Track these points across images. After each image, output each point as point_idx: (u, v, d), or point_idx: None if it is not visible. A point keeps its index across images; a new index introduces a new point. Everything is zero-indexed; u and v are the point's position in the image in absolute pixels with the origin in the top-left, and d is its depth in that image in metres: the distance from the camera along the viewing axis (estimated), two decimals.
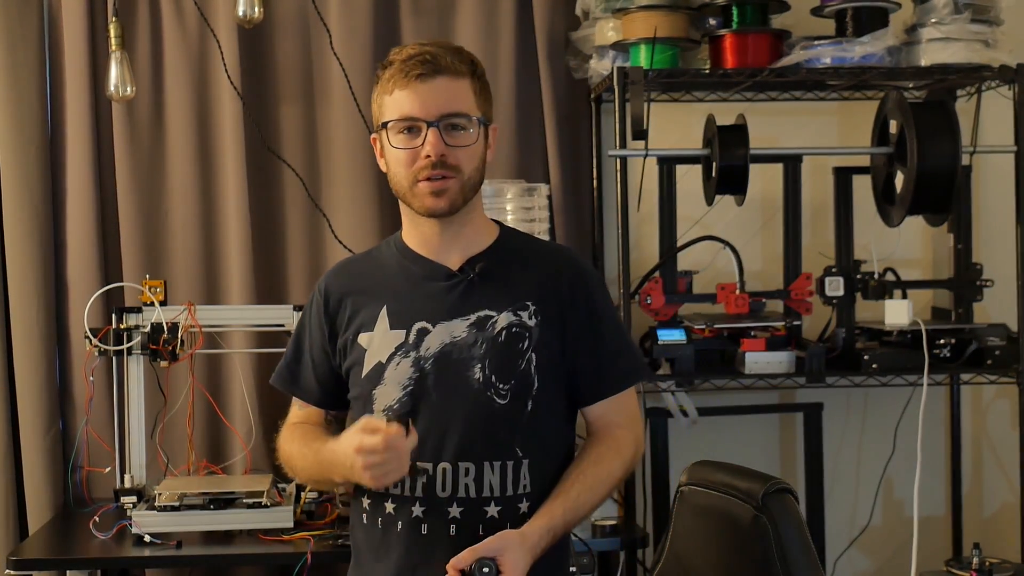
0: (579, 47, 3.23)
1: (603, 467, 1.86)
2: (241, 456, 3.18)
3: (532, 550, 1.78)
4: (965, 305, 3.14)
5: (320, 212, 3.26)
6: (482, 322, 1.88)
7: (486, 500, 1.86)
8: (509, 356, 1.87)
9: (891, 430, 3.32)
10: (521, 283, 1.91)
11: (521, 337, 1.87)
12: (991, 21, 2.99)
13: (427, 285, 1.95)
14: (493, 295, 1.90)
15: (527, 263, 1.95)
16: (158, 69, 3.28)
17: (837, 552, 3.39)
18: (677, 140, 3.30)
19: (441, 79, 1.85)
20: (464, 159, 1.88)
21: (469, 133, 1.88)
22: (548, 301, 1.89)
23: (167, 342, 2.91)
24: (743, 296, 2.99)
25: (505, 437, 1.87)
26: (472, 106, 1.88)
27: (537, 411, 1.88)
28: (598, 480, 1.85)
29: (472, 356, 1.87)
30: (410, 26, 3.32)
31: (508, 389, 1.86)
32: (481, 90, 1.91)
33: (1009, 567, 2.97)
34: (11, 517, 3.20)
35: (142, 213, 3.27)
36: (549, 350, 1.88)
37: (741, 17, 3.00)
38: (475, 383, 1.87)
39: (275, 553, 2.71)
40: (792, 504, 1.94)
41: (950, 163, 2.88)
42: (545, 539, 1.80)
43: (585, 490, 1.83)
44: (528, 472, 1.86)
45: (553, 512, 1.81)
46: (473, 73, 1.89)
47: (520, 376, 1.87)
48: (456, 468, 1.87)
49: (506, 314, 1.88)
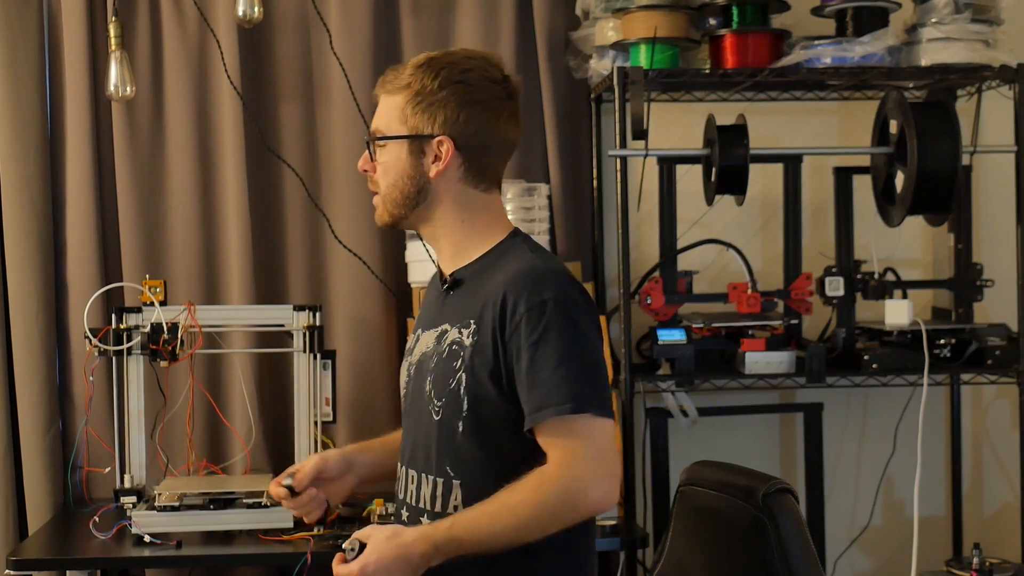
0: (579, 47, 3.23)
1: (512, 495, 1.73)
2: (241, 456, 3.18)
3: (402, 548, 1.72)
4: (965, 305, 3.14)
5: (320, 212, 3.26)
6: (441, 336, 1.88)
7: (422, 511, 1.87)
8: (445, 373, 1.84)
9: (891, 430, 3.32)
10: (474, 301, 1.85)
11: (456, 356, 1.83)
12: (991, 21, 2.99)
13: (434, 293, 1.99)
14: (454, 309, 1.89)
15: (489, 280, 1.86)
16: (158, 69, 3.28)
17: (837, 552, 3.39)
18: (677, 140, 3.30)
19: (381, 98, 1.92)
20: (379, 175, 1.92)
21: (379, 150, 1.91)
22: (486, 323, 1.81)
23: (167, 342, 2.91)
24: (755, 295, 2.99)
25: (438, 454, 1.85)
26: (388, 123, 1.89)
27: (470, 433, 1.82)
28: (503, 507, 1.73)
29: (427, 369, 1.88)
30: (410, 26, 3.32)
31: (441, 406, 1.84)
32: (416, 105, 1.86)
33: (1009, 567, 2.98)
34: (11, 517, 3.20)
35: (142, 213, 3.27)
36: (477, 373, 1.80)
37: (741, 17, 3.00)
38: (425, 396, 1.87)
39: (275, 553, 2.71)
40: (792, 504, 1.94)
41: (950, 163, 2.88)
42: (421, 544, 1.72)
43: (484, 514, 1.74)
44: (461, 493, 1.82)
45: (440, 524, 1.76)
46: (408, 87, 1.87)
47: (450, 395, 1.83)
48: (407, 474, 1.92)
49: (454, 330, 1.86)
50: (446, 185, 1.89)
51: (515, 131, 1.94)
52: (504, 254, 1.89)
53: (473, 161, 1.89)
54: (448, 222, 1.92)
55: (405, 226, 1.96)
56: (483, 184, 1.91)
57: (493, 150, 1.91)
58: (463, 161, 1.88)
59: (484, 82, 1.88)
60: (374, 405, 3.27)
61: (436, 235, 1.94)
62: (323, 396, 3.03)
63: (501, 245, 1.91)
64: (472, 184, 1.90)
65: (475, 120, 1.87)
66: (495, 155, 1.92)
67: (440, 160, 1.87)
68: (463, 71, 1.87)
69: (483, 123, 1.88)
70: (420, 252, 2.95)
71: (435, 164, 1.87)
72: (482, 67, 1.89)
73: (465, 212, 1.91)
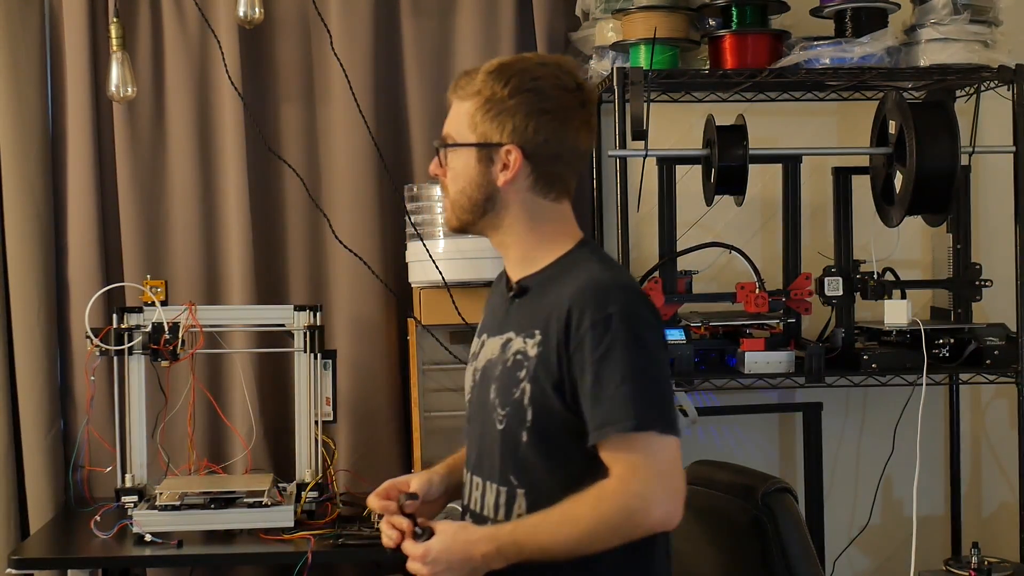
0: (579, 47, 3.24)
1: (574, 507, 1.73)
2: (242, 456, 3.18)
3: (467, 544, 1.74)
4: (964, 305, 3.15)
5: (320, 212, 3.26)
6: (506, 344, 1.87)
7: (486, 519, 1.86)
8: (509, 382, 1.83)
9: (890, 430, 3.32)
10: (540, 310, 1.84)
11: (520, 366, 1.82)
12: (990, 21, 3.00)
13: (499, 299, 1.97)
14: (519, 318, 1.87)
15: (555, 290, 1.84)
16: (159, 69, 3.28)
17: (837, 552, 3.39)
18: (677, 140, 3.31)
19: (453, 102, 1.90)
20: (449, 181, 1.90)
21: (448, 155, 1.89)
22: (551, 335, 1.79)
23: (168, 342, 2.91)
24: (763, 295, 2.99)
25: (502, 463, 1.84)
26: (458, 129, 1.87)
27: (534, 443, 1.81)
28: (564, 517, 1.73)
29: (492, 376, 1.87)
30: (410, 26, 3.32)
31: (505, 415, 1.83)
32: (486, 112, 1.84)
33: (1008, 566, 2.98)
34: (12, 516, 3.21)
35: (143, 213, 3.28)
36: (541, 384, 1.79)
37: (741, 18, 3.01)
38: (490, 404, 1.86)
39: (275, 552, 2.72)
40: (792, 504, 1.95)
41: (949, 163, 2.89)
42: (485, 544, 1.73)
43: (546, 522, 1.74)
44: (525, 503, 1.82)
45: (503, 527, 1.77)
46: (478, 93, 1.85)
47: (514, 404, 1.82)
48: (472, 481, 1.91)
49: (519, 339, 1.84)
50: (515, 194, 1.87)
51: (588, 140, 1.90)
52: (571, 264, 1.87)
53: (542, 170, 1.86)
54: (516, 230, 1.90)
55: (474, 232, 1.92)
56: (552, 193, 1.88)
57: (563, 159, 1.88)
58: (532, 170, 1.85)
59: (555, 90, 1.85)
60: (374, 405, 3.28)
61: (505, 242, 1.92)
62: (324, 396, 3.04)
63: (569, 255, 1.89)
64: (541, 193, 1.87)
65: (544, 129, 1.84)
66: (565, 165, 1.88)
67: (508, 169, 1.85)
68: (534, 78, 1.84)
69: (553, 132, 1.85)
70: (420, 252, 2.95)
71: (503, 173, 1.85)
72: (554, 74, 1.86)
73: (533, 221, 1.89)
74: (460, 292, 2.94)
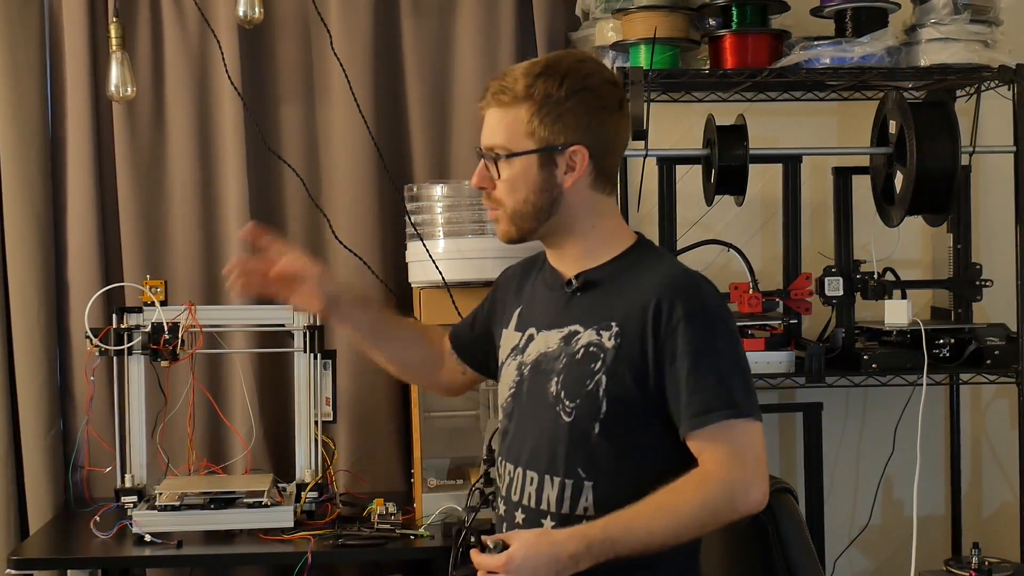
0: (579, 47, 3.23)
1: (672, 496, 1.74)
2: (242, 456, 3.18)
3: (553, 546, 1.72)
4: (964, 305, 3.15)
5: (320, 212, 3.26)
6: (569, 337, 1.86)
7: (543, 513, 1.84)
8: (580, 375, 1.83)
9: (891, 430, 3.32)
10: (615, 303, 1.84)
11: (595, 357, 1.82)
12: (990, 21, 3.00)
13: (548, 293, 1.96)
14: (585, 311, 1.87)
15: (631, 283, 1.86)
16: (158, 69, 3.28)
17: (837, 552, 3.39)
18: (677, 140, 3.31)
19: (492, 110, 1.87)
20: (504, 192, 1.87)
21: (504, 166, 1.86)
22: (632, 326, 1.81)
23: (168, 342, 2.92)
24: (756, 296, 2.99)
25: (567, 455, 1.83)
26: (511, 137, 1.85)
27: (606, 435, 1.81)
28: (661, 507, 1.74)
29: (553, 369, 1.86)
30: (410, 26, 3.32)
31: (573, 408, 1.82)
32: (544, 116, 1.83)
33: (1008, 567, 2.98)
34: (12, 516, 3.21)
35: (143, 213, 3.28)
36: (620, 376, 1.80)
37: (741, 17, 3.01)
38: (550, 396, 1.85)
39: (275, 553, 2.72)
40: (792, 504, 1.95)
41: (949, 163, 2.89)
42: (573, 544, 1.72)
43: (642, 514, 1.74)
44: (592, 495, 1.81)
45: (594, 524, 1.75)
46: (529, 98, 1.83)
47: (586, 396, 1.82)
48: (524, 475, 1.89)
49: (589, 332, 1.84)
50: (578, 194, 1.87)
51: (629, 131, 1.96)
52: (640, 259, 1.90)
53: (601, 166, 1.88)
54: (579, 229, 1.90)
55: (533, 239, 1.92)
56: (608, 188, 1.91)
57: (616, 153, 1.92)
58: (593, 167, 1.87)
59: (605, 85, 1.88)
60: (374, 405, 3.27)
61: (563, 242, 1.92)
62: (323, 396, 3.04)
63: (634, 250, 1.92)
64: (600, 189, 1.90)
65: (604, 126, 1.87)
66: (617, 157, 1.92)
67: (575, 170, 1.85)
68: (585, 76, 1.86)
69: (610, 127, 1.88)
70: (420, 252, 2.95)
71: (569, 174, 1.85)
72: (599, 70, 1.89)
73: (595, 217, 1.91)
74: (460, 292, 2.94)
